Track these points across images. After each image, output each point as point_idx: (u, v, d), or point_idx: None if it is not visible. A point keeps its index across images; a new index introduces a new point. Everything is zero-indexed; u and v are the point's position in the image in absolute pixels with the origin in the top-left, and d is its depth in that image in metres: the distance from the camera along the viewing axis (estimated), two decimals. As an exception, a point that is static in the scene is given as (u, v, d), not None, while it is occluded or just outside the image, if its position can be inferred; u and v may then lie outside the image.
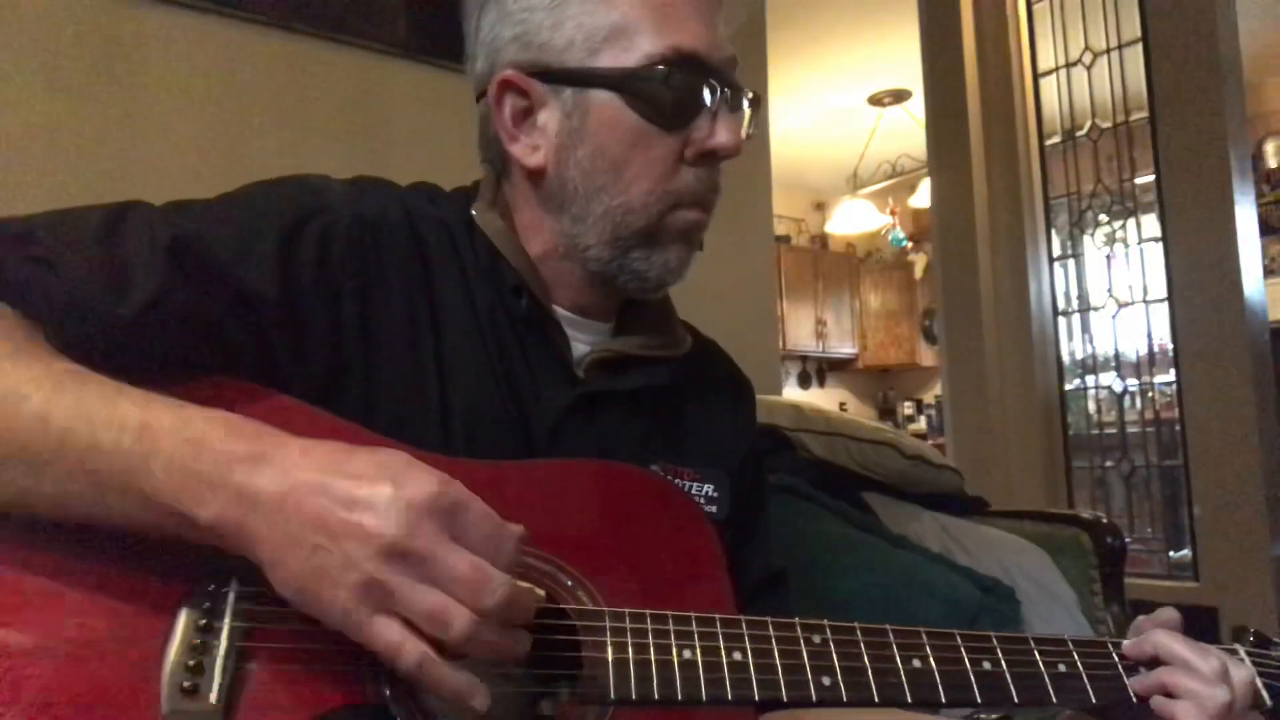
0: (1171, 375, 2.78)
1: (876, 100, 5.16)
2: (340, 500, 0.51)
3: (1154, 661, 0.70)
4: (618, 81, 0.72)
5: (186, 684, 0.51)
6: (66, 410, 0.52)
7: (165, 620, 0.53)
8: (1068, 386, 3.09)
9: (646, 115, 0.72)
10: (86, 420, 0.52)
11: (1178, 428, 2.75)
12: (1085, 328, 3.07)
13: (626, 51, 0.72)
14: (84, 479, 0.52)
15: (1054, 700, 0.66)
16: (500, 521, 0.54)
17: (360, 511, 0.50)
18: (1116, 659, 0.70)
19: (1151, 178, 2.82)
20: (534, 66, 0.74)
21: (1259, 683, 0.70)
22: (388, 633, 0.51)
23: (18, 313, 0.58)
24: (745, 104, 0.77)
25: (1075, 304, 3.09)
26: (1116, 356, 2.98)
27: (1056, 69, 3.09)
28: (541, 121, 0.75)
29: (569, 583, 0.63)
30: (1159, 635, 0.70)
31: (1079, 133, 3.05)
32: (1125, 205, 2.95)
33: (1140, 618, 0.75)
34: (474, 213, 0.79)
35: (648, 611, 0.62)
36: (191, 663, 0.52)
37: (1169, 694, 0.68)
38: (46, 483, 0.52)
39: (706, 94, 0.73)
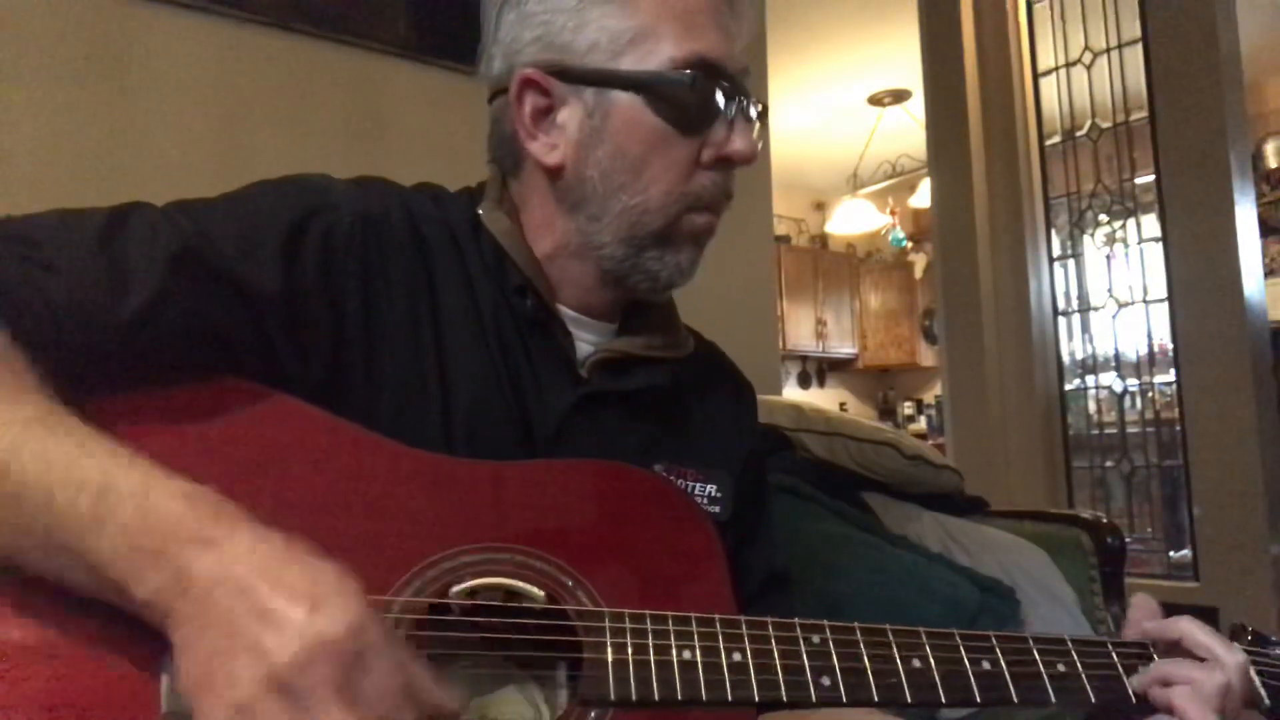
0: (1171, 375, 2.78)
1: (876, 100, 5.17)
2: (254, 609, 0.48)
3: (1175, 646, 0.71)
4: (640, 84, 0.73)
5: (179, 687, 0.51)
6: (27, 462, 0.51)
7: (166, 620, 0.53)
8: (1068, 386, 3.09)
9: (667, 118, 0.73)
10: (46, 477, 0.51)
11: (1178, 428, 2.75)
12: (1085, 328, 3.07)
13: (650, 55, 0.73)
14: (34, 535, 0.51)
15: (1053, 700, 0.66)
16: (408, 684, 0.49)
17: (265, 627, 0.47)
18: (1116, 659, 0.70)
19: (1151, 178, 2.82)
20: (555, 67, 0.74)
21: (1257, 681, 0.70)
22: None
23: (8, 334, 0.57)
24: (754, 114, 0.77)
25: (1075, 304, 3.09)
26: (1116, 356, 2.98)
27: (1056, 69, 3.09)
28: (561, 120, 0.75)
29: (569, 583, 0.63)
30: (1185, 626, 0.72)
31: (1079, 133, 3.05)
32: (1125, 205, 2.95)
33: (1129, 620, 0.76)
34: (480, 212, 0.79)
35: (648, 612, 0.62)
36: (173, 679, 0.51)
37: (1166, 684, 0.69)
38: (3, 531, 0.51)
39: (724, 101, 0.75)
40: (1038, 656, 0.68)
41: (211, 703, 0.46)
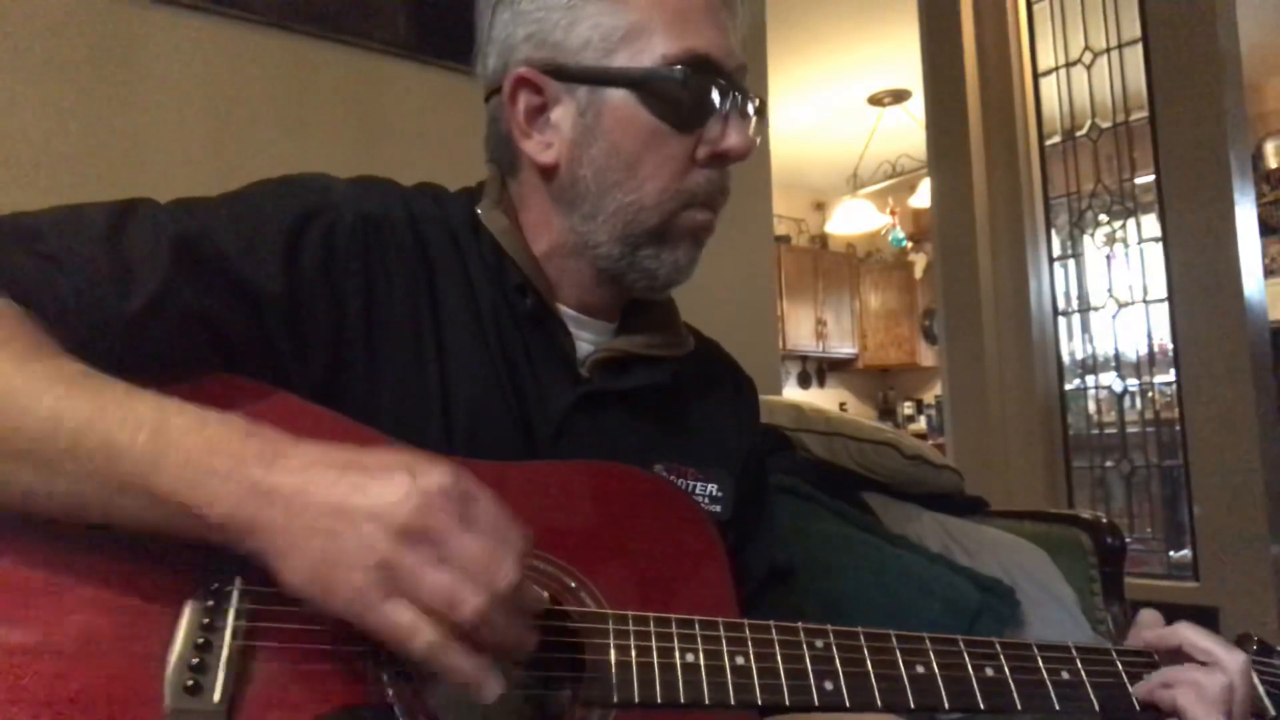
0: (1171, 375, 2.79)
1: (876, 100, 5.17)
2: (357, 488, 0.51)
3: (1177, 653, 0.71)
4: (634, 81, 0.73)
5: (189, 682, 0.51)
6: (79, 410, 0.52)
7: (168, 618, 0.53)
8: (1068, 386, 3.09)
9: (661, 115, 0.73)
10: (100, 419, 0.52)
11: (1178, 428, 2.75)
12: (1085, 328, 3.07)
13: (642, 52, 0.73)
14: (97, 478, 0.52)
15: (1056, 708, 0.66)
16: (508, 514, 0.55)
17: (376, 495, 0.51)
18: (1120, 666, 0.70)
19: (1151, 178, 2.82)
20: (548, 65, 0.74)
21: (1261, 689, 0.70)
22: (400, 616, 0.51)
23: (25, 310, 0.58)
24: (751, 110, 0.77)
25: (1075, 304, 3.09)
26: (1116, 356, 2.98)
27: (1056, 69, 3.09)
28: (555, 119, 0.75)
29: (572, 584, 0.63)
30: (1185, 632, 0.72)
31: (1079, 132, 3.05)
32: (1125, 205, 2.95)
33: (1131, 632, 0.76)
34: (479, 211, 0.79)
35: (651, 614, 0.62)
36: (195, 661, 0.51)
37: (1169, 688, 0.69)
38: (59, 482, 0.52)
39: (719, 97, 0.74)
40: (1042, 664, 0.68)
41: (347, 576, 0.50)
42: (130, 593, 0.53)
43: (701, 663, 0.60)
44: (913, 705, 0.62)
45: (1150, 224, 2.86)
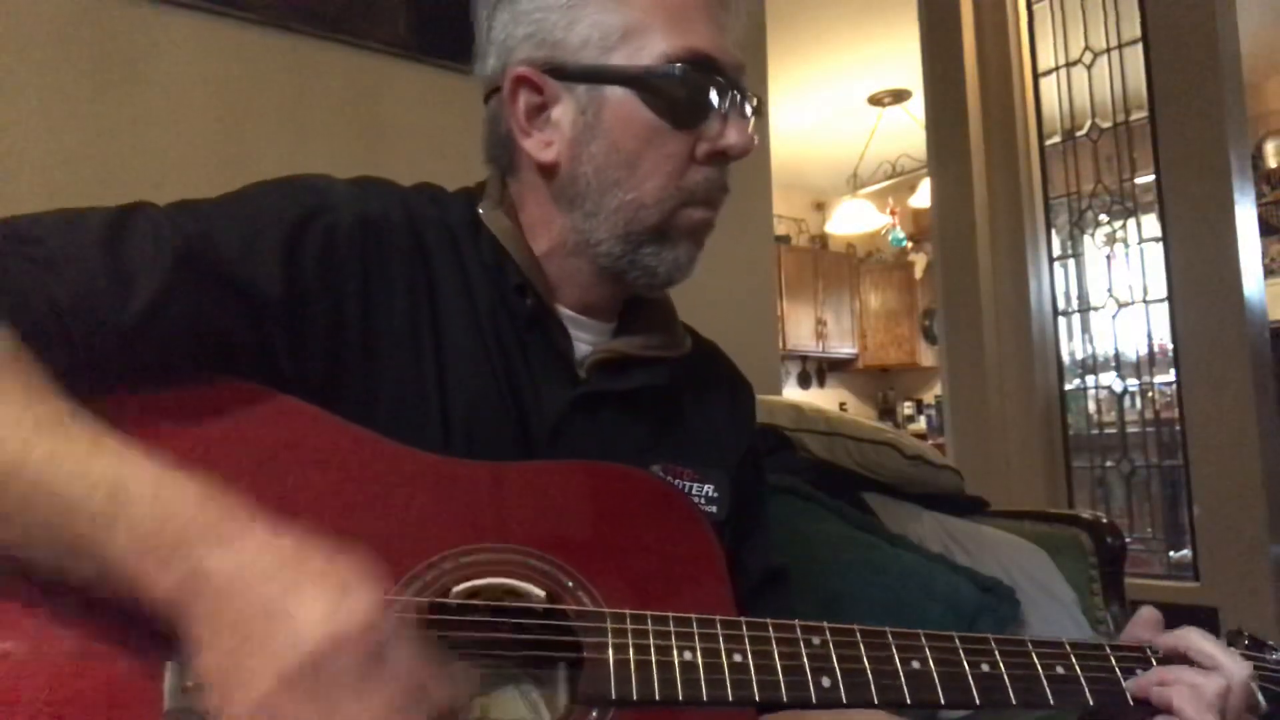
0: (1171, 375, 2.79)
1: (876, 100, 5.17)
2: (271, 602, 0.48)
3: (1182, 657, 0.71)
4: (633, 79, 0.73)
5: (189, 682, 0.51)
6: (40, 463, 0.51)
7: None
8: (1068, 386, 3.09)
9: (661, 112, 0.73)
10: (58, 476, 0.51)
11: (1178, 428, 2.75)
12: (1085, 328, 3.07)
13: (641, 50, 0.73)
14: (47, 535, 0.51)
15: (1051, 703, 0.66)
16: (427, 679, 0.50)
17: (282, 624, 0.47)
18: (1114, 662, 0.70)
19: (1151, 178, 2.82)
20: (548, 64, 0.74)
21: (1253, 685, 0.70)
22: None
23: (4, 333, 0.56)
24: (749, 109, 0.77)
25: (1075, 304, 3.09)
26: (1116, 356, 2.98)
27: (1056, 69, 3.09)
28: (555, 117, 0.76)
29: (569, 584, 0.63)
30: (1192, 636, 0.71)
31: (1079, 133, 3.05)
32: (1125, 205, 2.95)
33: (1128, 626, 0.76)
34: (480, 211, 0.79)
35: (648, 613, 0.62)
36: (194, 676, 0.51)
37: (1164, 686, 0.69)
38: (10, 532, 0.51)
39: (717, 95, 0.74)
40: (1036, 659, 0.68)
41: (234, 700, 0.47)
42: (135, 606, 0.53)
43: (699, 661, 0.60)
44: (909, 701, 0.63)
45: (1150, 224, 2.86)
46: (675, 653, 0.60)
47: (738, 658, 0.61)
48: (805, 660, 0.62)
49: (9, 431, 0.51)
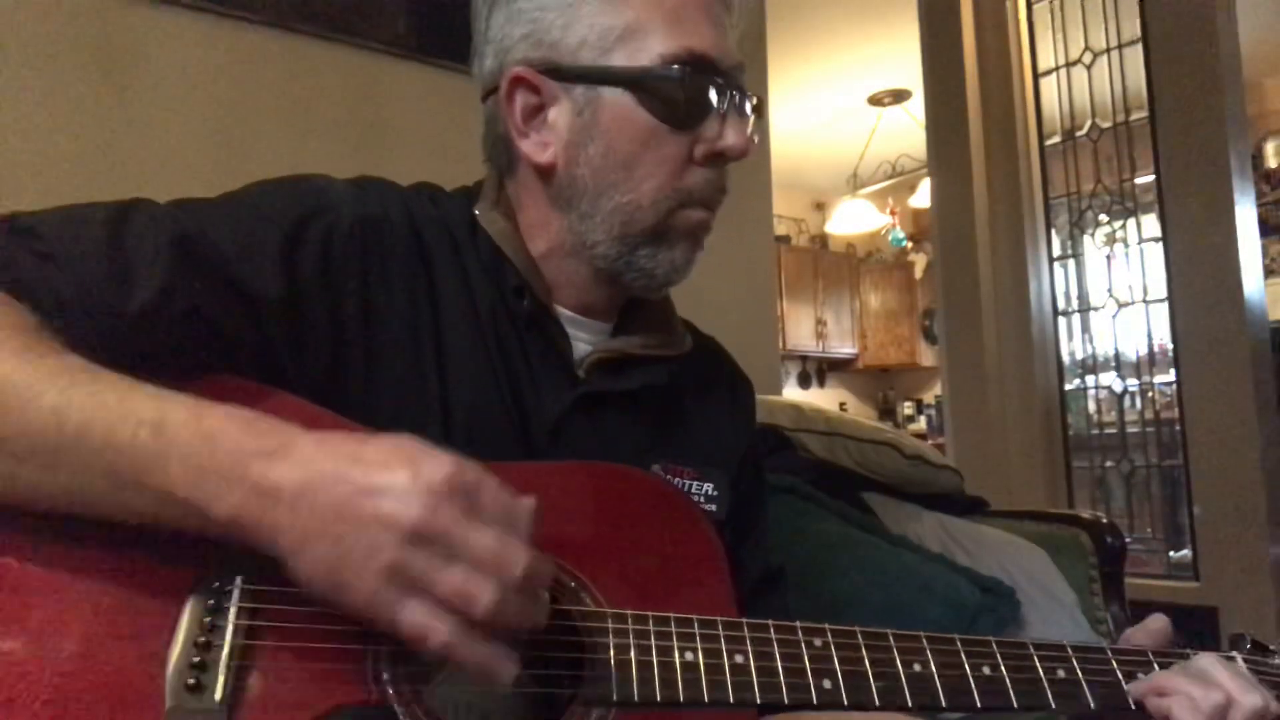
0: (1171, 375, 2.79)
1: (876, 100, 5.17)
2: (360, 488, 0.51)
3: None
4: (631, 80, 0.73)
5: (191, 680, 0.51)
6: (81, 406, 0.52)
7: (170, 616, 0.53)
8: (1068, 386, 3.09)
9: (658, 114, 0.73)
10: (102, 415, 0.52)
11: (1178, 428, 2.75)
12: (1085, 328, 3.07)
13: (639, 51, 0.73)
14: (100, 474, 0.52)
15: (1052, 705, 0.66)
16: (512, 496, 0.55)
17: (380, 498, 0.50)
18: (1115, 665, 0.70)
19: (1151, 178, 2.82)
20: (545, 64, 0.74)
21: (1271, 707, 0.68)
22: (414, 615, 0.51)
23: (27, 306, 0.58)
24: (749, 109, 0.77)
25: (1075, 304, 3.09)
26: (1116, 356, 2.98)
27: (1056, 69, 3.09)
28: (552, 118, 0.75)
29: (571, 584, 0.63)
30: (1162, 679, 0.69)
31: (1079, 133, 3.05)
32: (1125, 205, 2.95)
33: (1129, 630, 0.75)
34: (477, 212, 0.79)
35: (650, 613, 0.62)
36: (196, 659, 0.52)
37: (1162, 695, 0.68)
38: (62, 477, 0.52)
39: (716, 96, 0.74)
40: (1038, 662, 0.68)
41: (360, 579, 0.50)
42: (131, 591, 0.53)
43: (700, 661, 0.60)
44: (910, 704, 0.63)
45: (1150, 224, 2.86)
46: (676, 653, 0.60)
47: (739, 658, 0.61)
48: (806, 661, 0.62)
49: (47, 383, 0.53)
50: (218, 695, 0.51)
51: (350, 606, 0.51)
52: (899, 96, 5.08)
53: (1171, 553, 2.81)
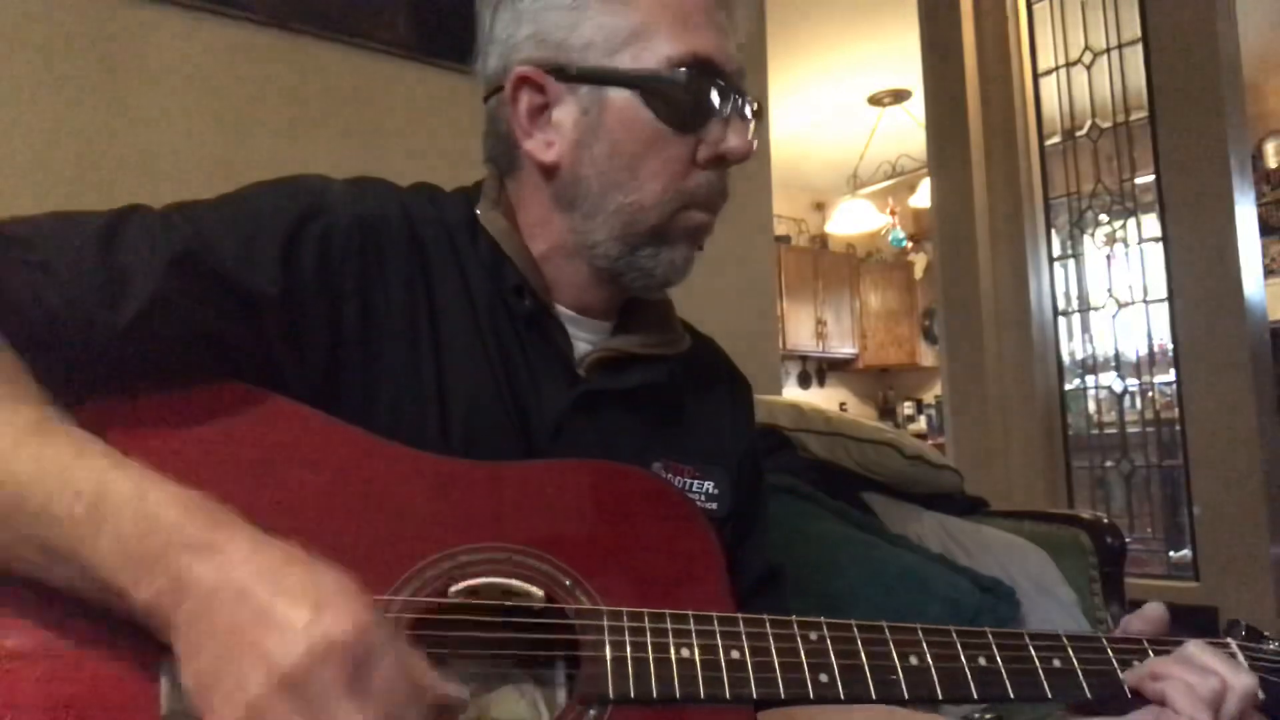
0: (1171, 375, 2.79)
1: (876, 100, 5.17)
2: (255, 613, 0.48)
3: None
4: (637, 81, 0.73)
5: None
6: (23, 470, 0.51)
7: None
8: (1068, 386, 3.09)
9: (663, 116, 0.73)
10: (41, 483, 0.51)
11: (1178, 428, 2.75)
12: (1085, 328, 3.07)
13: (645, 53, 0.73)
14: (33, 543, 0.51)
15: (1049, 695, 0.67)
16: (417, 687, 0.50)
17: (267, 632, 0.47)
18: (1111, 654, 0.70)
19: (1151, 178, 2.82)
20: (550, 64, 0.74)
21: (1258, 692, 0.69)
22: None
23: (2, 338, 0.57)
24: (750, 113, 0.78)
25: (1075, 304, 3.09)
26: (1116, 356, 2.99)
27: (1056, 69, 3.09)
28: (557, 118, 0.76)
29: (567, 583, 0.63)
30: (1193, 650, 0.70)
31: (1079, 133, 3.05)
32: (1125, 205, 2.95)
33: (1126, 617, 0.76)
34: (478, 212, 0.79)
35: (645, 611, 0.62)
36: (180, 685, 0.51)
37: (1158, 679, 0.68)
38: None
39: (719, 99, 0.75)
40: (1034, 652, 0.68)
41: (221, 706, 0.46)
42: (121, 613, 0.53)
43: (696, 658, 0.60)
44: (907, 696, 0.63)
45: (1150, 224, 2.86)
46: (672, 650, 0.60)
47: (735, 654, 0.61)
48: (803, 656, 0.62)
49: None
50: None
51: None
52: (899, 96, 5.08)
53: (1171, 553, 2.81)
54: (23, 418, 0.53)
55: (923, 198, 4.88)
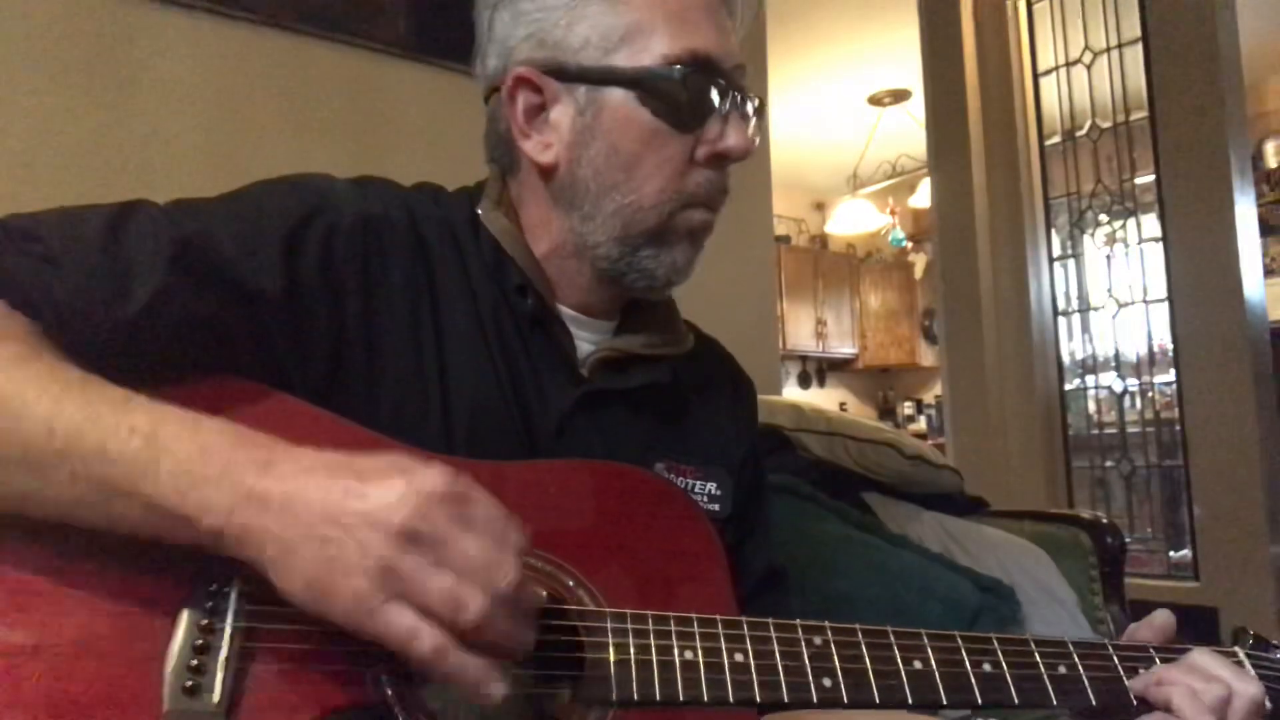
0: (1171, 375, 2.79)
1: (876, 100, 5.17)
2: (352, 492, 0.51)
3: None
4: (633, 80, 0.73)
5: (188, 683, 0.51)
6: (73, 415, 0.52)
7: (167, 620, 0.53)
8: (1068, 386, 3.09)
9: (661, 114, 0.73)
10: (94, 425, 0.52)
11: (1178, 428, 2.75)
12: (1085, 328, 3.07)
13: (642, 52, 0.73)
14: (90, 483, 0.52)
15: (1054, 702, 0.66)
16: (505, 513, 0.54)
17: (373, 501, 0.51)
18: (1117, 661, 0.70)
19: (1151, 178, 2.82)
20: (548, 64, 0.74)
21: (1265, 701, 0.69)
22: (402, 619, 0.50)
23: (22, 314, 0.58)
24: (750, 110, 0.77)
25: (1075, 304, 3.09)
26: (1116, 356, 2.99)
27: (1056, 68, 3.09)
28: (555, 118, 0.75)
29: (570, 583, 0.63)
30: (1198, 658, 0.70)
31: (1079, 133, 3.05)
32: (1125, 205, 2.95)
33: (1133, 625, 0.75)
34: (479, 212, 0.79)
35: (649, 612, 0.62)
36: (193, 662, 0.52)
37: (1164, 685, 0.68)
38: (54, 487, 0.52)
39: (718, 97, 0.74)
40: (1039, 658, 0.68)
41: (346, 581, 0.50)
42: (129, 595, 0.53)
43: (700, 660, 0.60)
44: (910, 701, 0.62)
45: (1150, 224, 2.86)
46: (676, 652, 0.60)
47: (739, 657, 0.61)
48: (806, 660, 0.62)
49: (39, 390, 0.53)
50: (215, 698, 0.51)
51: (337, 613, 0.51)
52: (899, 96, 5.08)
53: (1171, 553, 2.81)
54: (65, 373, 0.55)
55: (923, 198, 4.88)
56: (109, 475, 0.52)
